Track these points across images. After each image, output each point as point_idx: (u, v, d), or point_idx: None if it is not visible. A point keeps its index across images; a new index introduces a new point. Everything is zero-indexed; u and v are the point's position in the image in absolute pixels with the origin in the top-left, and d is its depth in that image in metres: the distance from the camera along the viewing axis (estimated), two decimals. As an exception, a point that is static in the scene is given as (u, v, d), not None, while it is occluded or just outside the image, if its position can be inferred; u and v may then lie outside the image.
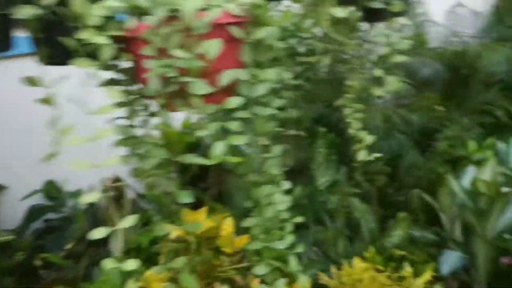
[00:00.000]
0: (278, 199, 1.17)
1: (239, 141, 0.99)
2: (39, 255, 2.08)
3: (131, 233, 2.16)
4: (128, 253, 2.12)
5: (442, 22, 3.65)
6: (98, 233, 0.91)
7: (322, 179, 2.27)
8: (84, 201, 0.90)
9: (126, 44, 1.01)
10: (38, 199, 2.47)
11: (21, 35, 1.02)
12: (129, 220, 1.06)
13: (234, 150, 1.27)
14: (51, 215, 2.47)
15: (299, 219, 1.27)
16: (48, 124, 0.95)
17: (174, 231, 2.06)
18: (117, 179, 2.44)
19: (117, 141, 1.06)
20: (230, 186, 2.32)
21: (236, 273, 1.94)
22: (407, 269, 1.79)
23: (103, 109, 0.92)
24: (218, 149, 0.97)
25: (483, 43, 3.40)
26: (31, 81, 0.91)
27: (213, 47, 0.91)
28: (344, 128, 2.54)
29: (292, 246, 1.27)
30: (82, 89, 0.95)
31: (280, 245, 1.19)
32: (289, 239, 1.22)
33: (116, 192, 2.35)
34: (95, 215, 2.27)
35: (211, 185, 2.41)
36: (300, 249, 1.31)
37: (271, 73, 1.01)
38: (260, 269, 1.23)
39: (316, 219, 2.13)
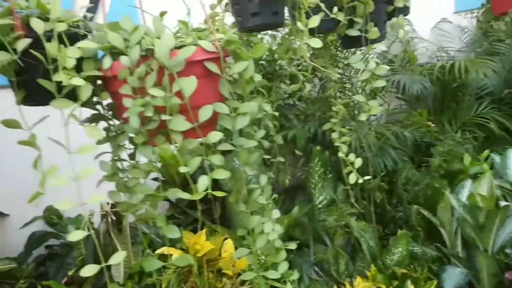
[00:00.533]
0: (269, 229, 1.11)
1: (222, 175, 0.93)
2: (41, 282, 1.99)
3: (133, 258, 2.07)
4: (131, 278, 2.03)
5: (429, 38, 3.63)
6: (89, 270, 0.84)
7: (320, 198, 2.20)
8: (72, 239, 0.83)
9: (105, 82, 0.97)
10: (40, 226, 2.38)
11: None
12: (118, 257, 0.98)
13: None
14: (52, 241, 2.38)
15: (292, 246, 1.20)
16: (32, 165, 0.88)
17: (175, 254, 1.99)
18: (115, 204, 2.36)
19: (103, 178, 1.00)
20: (230, 208, 2.25)
21: (239, 296, 1.85)
22: (410, 288, 1.71)
23: (85, 148, 0.86)
24: (203, 184, 0.92)
25: (470, 58, 3.37)
26: (11, 124, 0.85)
27: (189, 84, 0.87)
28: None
29: (287, 273, 1.20)
30: (65, 128, 0.88)
31: (274, 274, 1.12)
32: (283, 267, 1.15)
33: (116, 216, 2.27)
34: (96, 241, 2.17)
35: (212, 207, 2.33)
36: (295, 276, 1.24)
37: (251, 105, 0.97)
38: None
39: (316, 237, 2.05)
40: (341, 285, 1.81)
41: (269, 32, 2.03)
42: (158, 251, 2.04)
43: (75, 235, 0.82)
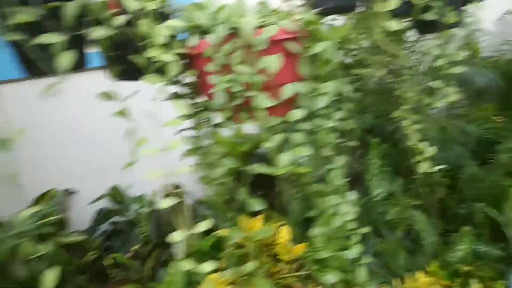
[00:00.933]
0: (344, 210, 1.08)
1: (304, 152, 0.92)
2: (108, 255, 2.07)
3: (192, 238, 2.10)
4: (190, 256, 2.07)
5: (493, 31, 3.39)
6: (176, 236, 0.88)
7: (378, 190, 2.12)
8: (162, 206, 0.86)
9: (190, 60, 0.98)
10: (106, 203, 2.48)
11: (92, 51, 1.00)
12: (202, 226, 1.01)
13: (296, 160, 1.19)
14: (116, 218, 2.47)
15: (365, 230, 1.16)
16: (125, 136, 0.90)
17: (234, 237, 2.00)
18: (177, 186, 2.41)
19: (187, 152, 1.00)
20: (286, 194, 2.22)
21: (296, 281, 1.83)
22: (475, 286, 1.61)
23: (173, 121, 0.87)
24: (284, 160, 0.90)
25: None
26: (107, 96, 0.87)
27: (274, 62, 0.88)
28: (398, 139, 2.38)
29: (359, 257, 1.16)
30: (153, 103, 0.90)
31: (349, 255, 1.09)
32: (356, 249, 1.12)
33: (176, 198, 2.31)
34: (158, 219, 2.24)
35: (266, 193, 2.32)
36: (367, 259, 1.20)
37: (330, 86, 0.95)
38: (331, 277, 1.14)
39: (373, 230, 1.98)
40: (401, 279, 1.74)
41: (327, 19, 1.96)
42: (215, 233, 2.06)
43: (165, 202, 0.84)
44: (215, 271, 1.92)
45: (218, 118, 0.94)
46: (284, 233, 2.07)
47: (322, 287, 1.80)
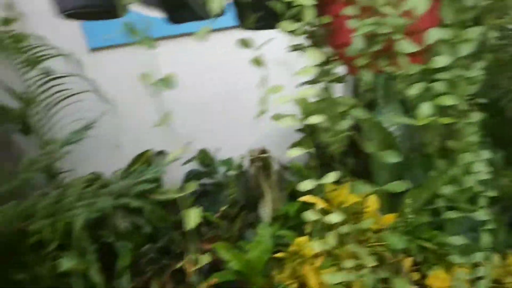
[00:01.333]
0: (478, 169, 1.00)
1: (448, 101, 0.85)
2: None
3: (278, 202, 2.13)
4: (276, 220, 2.10)
5: None
6: (305, 186, 0.87)
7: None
8: (291, 154, 0.86)
9: (322, 6, 0.94)
10: (195, 166, 2.59)
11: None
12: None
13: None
14: (205, 180, 2.57)
15: (492, 193, 1.08)
16: (258, 84, 0.91)
17: (319, 203, 1.99)
18: (263, 151, 2.43)
19: (315, 103, 0.99)
20: (373, 163, 2.16)
21: (384, 250, 1.79)
22: None
23: (305, 70, 0.85)
24: (426, 110, 0.85)
25: None
26: (245, 43, 0.88)
27: (422, 3, 0.79)
28: (502, 108, 2.18)
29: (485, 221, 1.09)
30: (279, 54, 0.89)
31: (478, 217, 1.03)
32: (484, 212, 1.05)
33: (263, 163, 2.34)
34: (245, 182, 2.29)
35: (354, 161, 2.27)
36: (492, 225, 1.12)
37: (474, 32, 0.85)
38: (456, 239, 1.08)
39: (470, 201, 1.86)
40: (502, 255, 1.62)
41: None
42: (300, 199, 2.07)
43: (293, 152, 0.84)
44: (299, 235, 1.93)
45: (345, 68, 0.91)
46: (372, 202, 2.02)
47: (413, 259, 1.74)
